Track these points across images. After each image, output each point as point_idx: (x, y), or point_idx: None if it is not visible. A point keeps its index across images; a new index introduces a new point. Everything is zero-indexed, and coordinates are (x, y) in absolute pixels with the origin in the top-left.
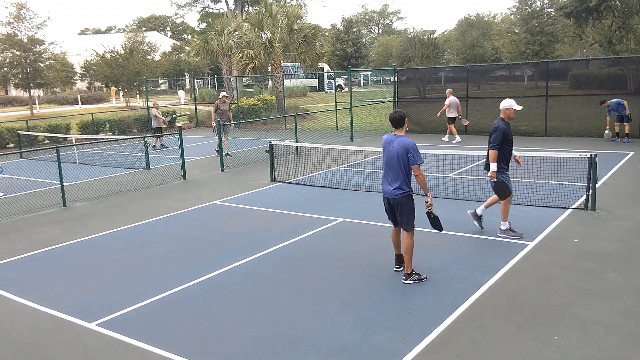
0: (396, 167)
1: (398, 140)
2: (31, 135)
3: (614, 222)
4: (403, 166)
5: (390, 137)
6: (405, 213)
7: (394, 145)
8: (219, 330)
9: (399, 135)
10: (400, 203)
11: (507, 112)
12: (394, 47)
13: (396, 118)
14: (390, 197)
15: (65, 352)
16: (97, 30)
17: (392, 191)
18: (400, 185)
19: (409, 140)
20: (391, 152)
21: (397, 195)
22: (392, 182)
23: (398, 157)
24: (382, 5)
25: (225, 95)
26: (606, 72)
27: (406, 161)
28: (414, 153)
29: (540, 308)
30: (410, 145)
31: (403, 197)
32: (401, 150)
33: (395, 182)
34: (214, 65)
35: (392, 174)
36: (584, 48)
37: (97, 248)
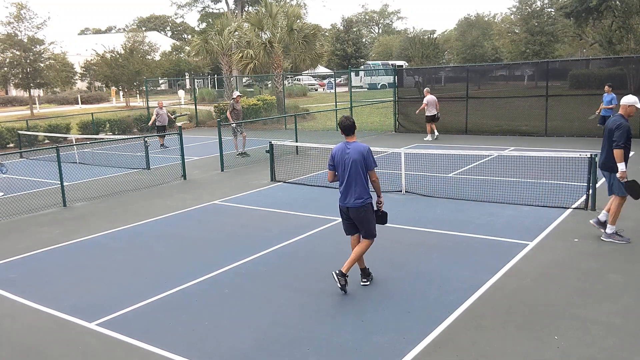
0: (354, 175)
1: (353, 146)
2: (31, 135)
3: None
4: (362, 172)
5: (342, 145)
6: (366, 222)
7: (349, 152)
8: (219, 330)
9: (352, 142)
10: (362, 212)
11: (628, 110)
12: (394, 47)
13: (348, 125)
14: (352, 206)
15: (65, 352)
16: (97, 30)
17: (354, 201)
18: (360, 194)
19: (364, 145)
20: (347, 160)
21: (359, 204)
22: (351, 191)
23: (355, 163)
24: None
25: (239, 95)
26: (606, 72)
27: (363, 167)
28: (371, 157)
29: (540, 308)
30: (366, 150)
31: (364, 206)
32: (358, 157)
33: (356, 191)
34: (214, 65)
35: (351, 182)
36: (584, 48)
37: (97, 248)
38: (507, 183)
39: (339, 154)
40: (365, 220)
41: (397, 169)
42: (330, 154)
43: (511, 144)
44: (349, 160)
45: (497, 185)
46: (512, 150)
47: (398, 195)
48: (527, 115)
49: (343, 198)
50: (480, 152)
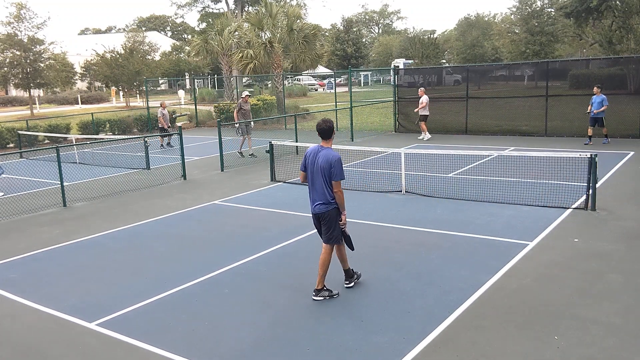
0: (320, 181)
1: (323, 153)
2: (31, 135)
3: (614, 222)
4: (327, 180)
5: (316, 148)
6: (329, 226)
7: (318, 157)
8: (219, 330)
9: (325, 148)
10: (325, 217)
11: None
12: (394, 47)
13: (324, 129)
14: (317, 211)
15: (65, 352)
16: (97, 30)
17: (318, 206)
18: (325, 200)
19: (333, 154)
20: (315, 165)
21: (323, 210)
22: (317, 196)
23: (322, 170)
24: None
25: (248, 95)
26: (606, 72)
27: (329, 176)
28: (337, 168)
29: (540, 308)
30: (335, 159)
31: (329, 211)
32: (325, 164)
33: (321, 197)
34: (214, 65)
35: (317, 187)
36: (584, 48)
37: (97, 248)
38: (507, 183)
39: (311, 156)
40: (327, 227)
41: (397, 169)
42: (305, 154)
43: (511, 144)
44: (317, 166)
45: (497, 185)
46: (512, 150)
47: (398, 195)
48: (527, 115)
49: (312, 203)
50: (480, 152)
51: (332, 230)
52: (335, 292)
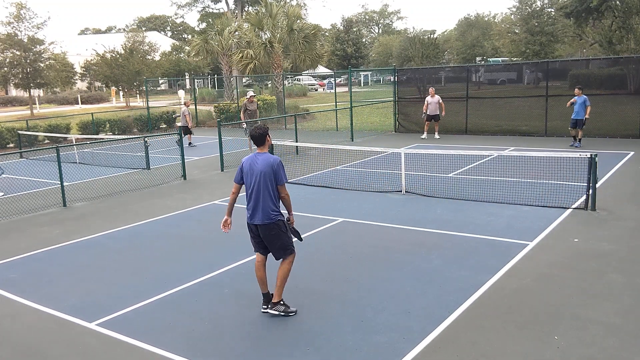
0: (263, 189)
1: (262, 158)
2: (31, 135)
3: (614, 222)
4: (270, 186)
5: (252, 156)
6: (278, 239)
7: (257, 164)
8: (219, 330)
9: (262, 153)
10: (271, 229)
11: None
12: (394, 47)
13: (255, 136)
14: (259, 223)
15: (65, 352)
16: (97, 30)
17: (262, 218)
18: (269, 210)
19: (274, 157)
20: (255, 172)
21: (268, 222)
22: (259, 207)
23: (264, 176)
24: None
25: (253, 95)
26: (606, 72)
27: (273, 181)
28: (281, 171)
29: (540, 308)
30: (276, 162)
31: (274, 222)
32: (266, 169)
33: (264, 207)
34: (214, 65)
35: (259, 197)
36: (584, 48)
37: (97, 248)
38: (507, 183)
39: (248, 165)
40: (276, 239)
41: (397, 169)
42: (239, 165)
43: (511, 144)
44: (258, 173)
45: (497, 185)
46: (512, 150)
47: (398, 195)
48: (527, 115)
49: (251, 215)
50: (480, 152)
51: (282, 241)
52: (293, 310)
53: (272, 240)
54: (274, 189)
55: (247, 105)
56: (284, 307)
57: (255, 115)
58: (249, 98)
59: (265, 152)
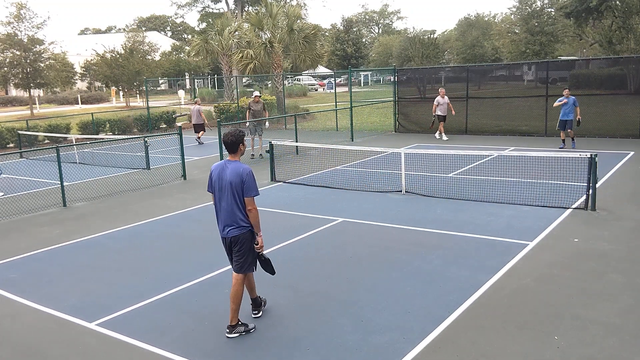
0: (230, 200)
1: (232, 166)
2: (31, 135)
3: (614, 222)
4: (238, 198)
5: (222, 163)
6: (242, 253)
7: (226, 173)
8: (219, 330)
9: (233, 162)
10: (238, 242)
11: None
12: (394, 47)
13: (227, 142)
14: (226, 235)
15: (65, 352)
16: (97, 30)
17: (229, 230)
18: (236, 222)
19: (244, 167)
20: (222, 181)
21: (235, 234)
22: (226, 218)
23: (232, 186)
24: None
25: (258, 95)
26: (606, 72)
27: (241, 192)
28: (250, 182)
29: (540, 308)
30: (246, 173)
31: (242, 235)
32: (235, 179)
33: (231, 218)
34: (214, 65)
35: (226, 208)
36: (584, 48)
37: (97, 248)
38: (507, 183)
39: (217, 173)
40: (241, 251)
41: (397, 169)
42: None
43: (511, 144)
44: (226, 182)
45: (497, 185)
46: (512, 150)
47: (398, 195)
48: (527, 115)
49: (222, 228)
50: (480, 152)
51: (246, 257)
52: (252, 327)
53: (238, 253)
54: (242, 201)
55: (252, 105)
56: (244, 327)
57: (259, 116)
58: (254, 98)
59: (237, 160)
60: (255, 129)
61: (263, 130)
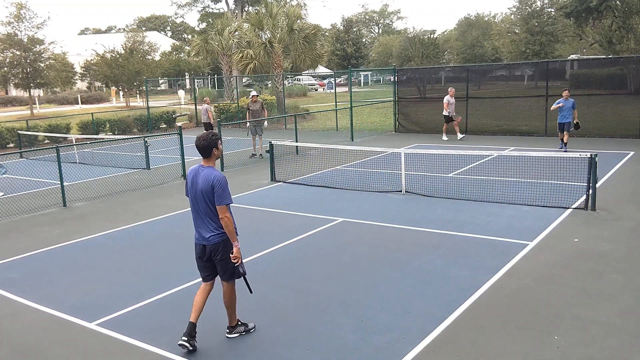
0: (204, 207)
1: (204, 173)
2: (31, 135)
3: (614, 222)
4: (211, 206)
5: (196, 168)
6: (226, 259)
7: (199, 178)
8: (219, 330)
9: (206, 167)
10: (217, 249)
11: None
12: (394, 47)
13: (199, 146)
14: (205, 243)
15: (65, 352)
16: (97, 30)
17: (209, 237)
18: (214, 228)
19: (215, 174)
20: (195, 187)
21: (214, 241)
22: (203, 225)
23: (204, 194)
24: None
25: (255, 95)
26: (606, 72)
27: (212, 200)
28: (221, 190)
29: (540, 308)
30: (216, 180)
31: (220, 242)
32: (206, 187)
33: (208, 225)
34: (214, 65)
35: (201, 215)
36: (584, 48)
37: (97, 248)
38: (507, 183)
39: (191, 178)
40: (225, 258)
41: (397, 169)
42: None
43: (511, 144)
44: (197, 189)
45: (497, 185)
46: (512, 150)
47: (398, 195)
48: (527, 115)
49: (196, 234)
50: (480, 152)
51: (228, 264)
52: (252, 326)
53: (221, 262)
54: (214, 209)
55: (250, 105)
56: (244, 327)
57: (258, 115)
58: (251, 98)
59: (211, 165)
60: (256, 129)
61: (263, 130)
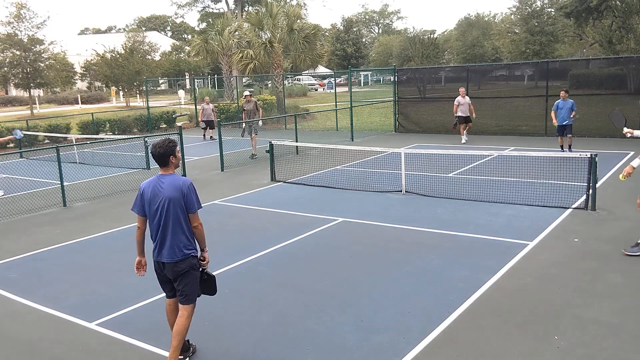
0: (172, 219)
1: (168, 181)
2: (31, 135)
3: (614, 222)
4: (181, 215)
5: (155, 179)
6: (187, 280)
7: (162, 188)
8: (219, 330)
9: (167, 175)
10: (182, 268)
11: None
12: (394, 47)
13: (155, 154)
14: (168, 260)
15: (65, 352)
16: (97, 30)
17: (170, 253)
18: (180, 244)
19: (184, 179)
20: (159, 198)
21: (180, 258)
22: (167, 240)
23: (172, 204)
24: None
25: (249, 94)
26: (606, 72)
27: (183, 208)
28: (192, 195)
29: (540, 308)
30: (186, 185)
31: (186, 260)
32: (174, 194)
33: (174, 240)
34: (214, 65)
35: (167, 228)
36: (584, 48)
37: (97, 248)
38: (507, 183)
39: (150, 192)
40: (186, 279)
41: (397, 169)
42: (138, 190)
43: (511, 144)
44: (164, 200)
45: (497, 185)
46: (512, 150)
47: (398, 195)
48: (527, 115)
49: (157, 250)
50: (480, 152)
51: (192, 284)
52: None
53: (182, 281)
54: (186, 218)
55: (244, 105)
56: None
57: (253, 115)
58: (245, 97)
59: (172, 173)
60: (251, 128)
61: (257, 130)
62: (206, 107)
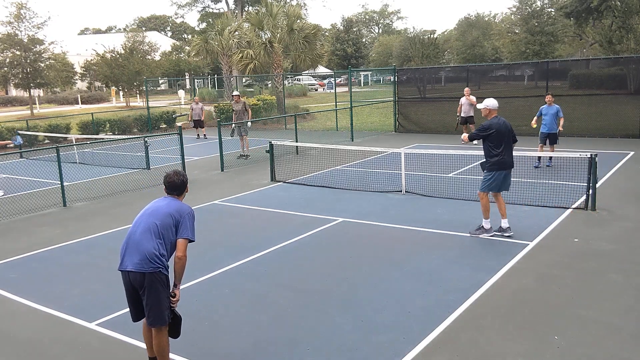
0: (154, 228)
1: (175, 202)
2: (31, 135)
3: (614, 222)
4: (167, 231)
5: (163, 199)
6: (156, 297)
7: (163, 204)
8: (219, 330)
9: (176, 199)
10: (148, 280)
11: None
12: (394, 47)
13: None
14: (133, 269)
15: (65, 352)
16: (97, 30)
17: (138, 261)
18: (153, 255)
19: (188, 207)
20: (156, 210)
21: (146, 269)
22: (137, 247)
23: (165, 217)
24: (382, 5)
25: (237, 95)
26: (606, 72)
27: (172, 228)
28: (189, 222)
29: (540, 308)
30: (187, 211)
31: (154, 273)
32: (174, 212)
33: (146, 247)
34: (214, 65)
35: (143, 236)
36: (584, 48)
37: (97, 248)
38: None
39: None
40: (152, 295)
41: (397, 169)
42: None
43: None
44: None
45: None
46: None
47: (398, 195)
48: (527, 116)
49: (122, 258)
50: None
51: (160, 303)
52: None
53: (150, 298)
54: (169, 240)
55: (233, 106)
56: None
57: (242, 117)
58: (234, 98)
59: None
60: (240, 129)
61: (247, 130)
62: (195, 107)
